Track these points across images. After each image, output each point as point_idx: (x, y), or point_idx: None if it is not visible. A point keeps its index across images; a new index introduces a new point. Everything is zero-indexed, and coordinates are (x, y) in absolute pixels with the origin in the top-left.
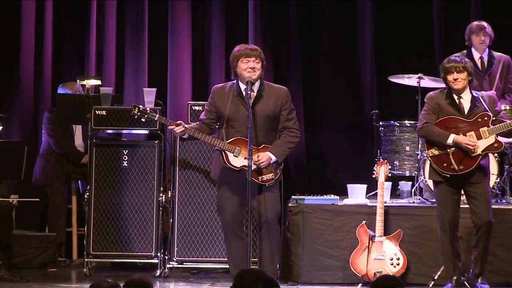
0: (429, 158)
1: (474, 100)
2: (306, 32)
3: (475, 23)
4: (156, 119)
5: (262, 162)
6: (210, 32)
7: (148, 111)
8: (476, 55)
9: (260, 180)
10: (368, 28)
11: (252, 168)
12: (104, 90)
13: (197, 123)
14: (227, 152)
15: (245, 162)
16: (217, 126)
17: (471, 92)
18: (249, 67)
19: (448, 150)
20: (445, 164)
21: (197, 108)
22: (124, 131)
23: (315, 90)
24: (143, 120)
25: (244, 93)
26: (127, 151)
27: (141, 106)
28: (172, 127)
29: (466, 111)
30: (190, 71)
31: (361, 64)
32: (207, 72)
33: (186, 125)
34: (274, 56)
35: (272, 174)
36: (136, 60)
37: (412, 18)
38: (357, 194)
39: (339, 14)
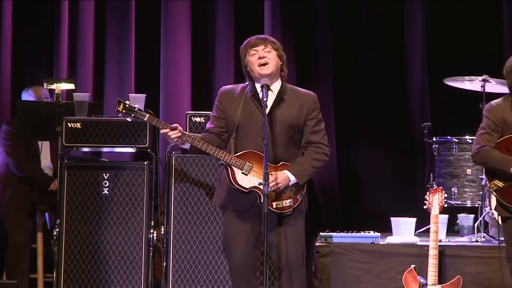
0: (493, 192)
1: None
2: (338, 29)
3: None
4: (145, 119)
5: (278, 185)
6: (215, 30)
7: (136, 109)
8: None
9: (274, 207)
10: (419, 20)
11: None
12: (79, 96)
13: (204, 134)
14: (234, 168)
15: (256, 183)
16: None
17: None
18: (258, 57)
19: None
20: None
21: (198, 119)
22: (105, 149)
23: (350, 98)
24: (129, 119)
25: (260, 94)
26: (108, 175)
27: (127, 102)
28: (165, 130)
29: None
30: (189, 74)
31: (409, 63)
32: (210, 76)
33: (184, 132)
34: (297, 57)
35: (291, 200)
36: (120, 59)
37: (473, 8)
38: (403, 230)
39: (380, 4)
